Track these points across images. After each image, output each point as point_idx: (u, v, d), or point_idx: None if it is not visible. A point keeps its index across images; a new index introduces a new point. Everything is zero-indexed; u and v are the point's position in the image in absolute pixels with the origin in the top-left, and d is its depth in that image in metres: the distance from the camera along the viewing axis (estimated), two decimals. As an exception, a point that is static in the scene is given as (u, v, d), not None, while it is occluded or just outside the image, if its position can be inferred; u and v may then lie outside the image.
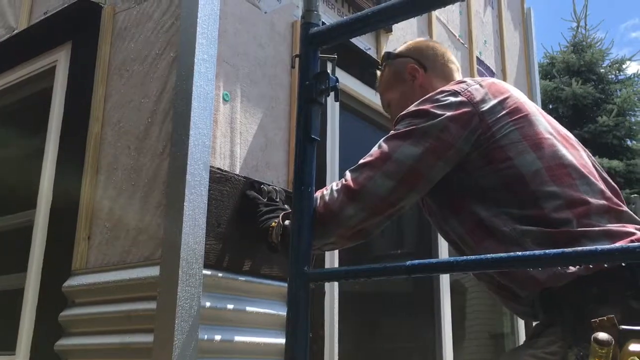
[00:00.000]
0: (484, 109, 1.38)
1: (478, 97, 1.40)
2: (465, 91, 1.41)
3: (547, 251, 1.05)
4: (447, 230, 1.49)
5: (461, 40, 3.60)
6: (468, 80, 1.46)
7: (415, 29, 3.16)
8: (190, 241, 1.65)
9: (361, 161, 1.47)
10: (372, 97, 2.61)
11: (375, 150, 1.46)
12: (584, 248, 1.05)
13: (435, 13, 3.35)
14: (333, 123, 2.39)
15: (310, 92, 1.47)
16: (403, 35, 3.03)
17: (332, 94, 1.49)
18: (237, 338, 1.78)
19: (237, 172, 1.92)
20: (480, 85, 1.43)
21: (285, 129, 2.14)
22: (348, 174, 1.47)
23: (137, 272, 1.77)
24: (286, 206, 1.87)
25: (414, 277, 1.64)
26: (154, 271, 1.72)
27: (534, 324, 1.46)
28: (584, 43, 12.84)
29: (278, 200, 1.89)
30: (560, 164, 1.35)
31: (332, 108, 2.40)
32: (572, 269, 1.24)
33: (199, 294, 1.64)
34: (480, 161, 1.38)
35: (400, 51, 1.77)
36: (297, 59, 1.53)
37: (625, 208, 1.36)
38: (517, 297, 1.39)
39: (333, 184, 1.49)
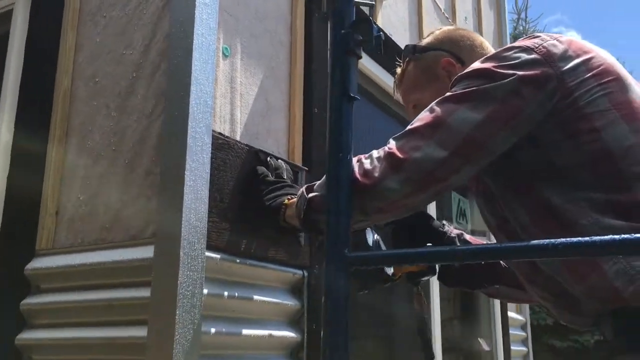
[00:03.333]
0: (564, 68, 1.15)
1: (557, 54, 1.17)
2: (540, 47, 1.18)
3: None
4: (506, 217, 1.25)
5: (446, 14, 3.42)
6: (542, 34, 1.23)
7: (405, -2, 2.96)
8: (191, 217, 1.39)
9: (408, 127, 1.24)
10: (375, 69, 2.39)
11: (425, 114, 1.23)
12: None
13: (424, -17, 3.15)
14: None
15: (348, 42, 1.24)
16: (395, 3, 2.82)
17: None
18: (241, 330, 1.53)
19: (238, 138, 1.66)
20: (559, 41, 1.20)
21: (286, 93, 1.89)
22: (392, 142, 1.23)
23: (121, 253, 1.49)
24: (295, 185, 1.63)
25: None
26: (142, 252, 1.44)
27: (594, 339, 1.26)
28: (524, 35, 13.04)
29: (286, 177, 1.64)
30: None
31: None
32: None
33: (201, 279, 1.38)
34: (557, 133, 1.15)
35: (430, 43, 1.51)
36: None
37: None
38: (579, 308, 1.17)
39: (374, 152, 1.25)
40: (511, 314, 3.77)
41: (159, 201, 1.43)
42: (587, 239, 0.91)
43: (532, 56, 1.18)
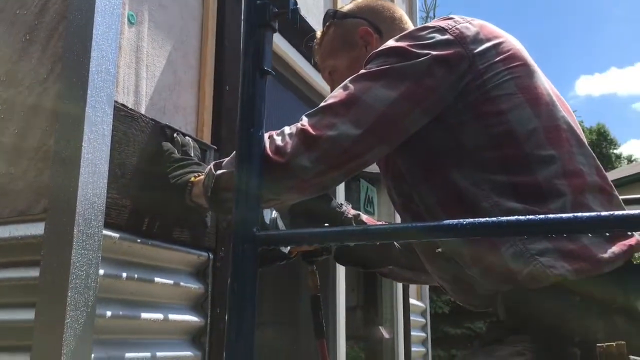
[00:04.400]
0: (475, 51, 1.17)
1: (469, 36, 1.18)
2: (454, 28, 1.19)
3: (575, 215, 0.87)
4: (412, 197, 1.26)
5: (360, 2, 3.43)
6: (456, 17, 1.24)
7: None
8: (88, 193, 1.29)
9: (322, 104, 1.21)
10: (285, 47, 2.35)
11: (339, 91, 1.20)
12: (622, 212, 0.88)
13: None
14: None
15: (264, 14, 1.19)
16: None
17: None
18: (140, 314, 1.45)
19: (143, 112, 1.56)
20: (471, 24, 1.22)
21: (195, 69, 1.81)
22: (305, 119, 1.20)
23: (9, 229, 1.36)
24: (202, 163, 1.57)
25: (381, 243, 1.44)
26: (32, 229, 1.33)
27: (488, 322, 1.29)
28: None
29: (193, 155, 1.57)
30: (558, 126, 1.18)
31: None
32: (559, 269, 1.05)
33: (97, 259, 1.29)
34: (465, 114, 1.17)
35: (351, 10, 1.50)
36: (244, -27, 1.23)
37: (615, 192, 1.20)
38: (475, 289, 1.20)
39: (286, 128, 1.21)
40: (412, 301, 3.87)
41: (52, 174, 1.32)
42: (494, 219, 0.92)
43: (446, 37, 1.19)
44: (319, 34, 1.55)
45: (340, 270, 2.81)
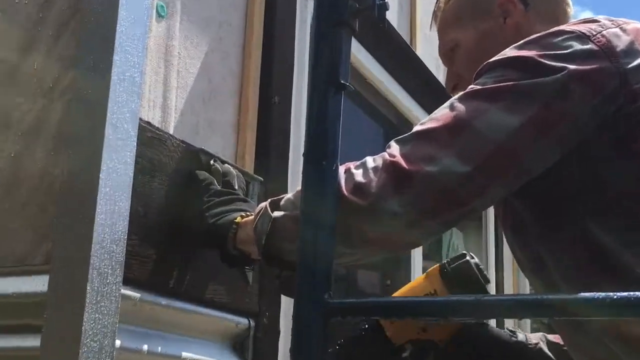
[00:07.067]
0: (629, 66, 1.18)
1: (620, 47, 1.19)
2: (599, 35, 1.20)
3: None
4: (540, 254, 1.28)
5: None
6: (602, 19, 1.26)
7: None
8: (105, 238, 1.32)
9: (418, 127, 1.23)
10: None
11: (443, 112, 1.22)
12: None
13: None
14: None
15: (340, 10, 1.23)
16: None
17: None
18: (163, 400, 1.48)
19: (171, 131, 1.61)
20: (622, 30, 1.23)
21: (236, 75, 1.87)
22: (395, 147, 1.21)
23: (3, 284, 1.41)
24: (248, 198, 1.60)
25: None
26: (34, 284, 1.37)
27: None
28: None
29: (237, 188, 1.60)
30: None
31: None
32: None
33: (114, 326, 1.32)
34: (612, 149, 1.19)
35: None
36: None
37: None
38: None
39: (368, 159, 1.23)
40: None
41: (58, 213, 1.37)
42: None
43: (588, 46, 1.19)
44: None
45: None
